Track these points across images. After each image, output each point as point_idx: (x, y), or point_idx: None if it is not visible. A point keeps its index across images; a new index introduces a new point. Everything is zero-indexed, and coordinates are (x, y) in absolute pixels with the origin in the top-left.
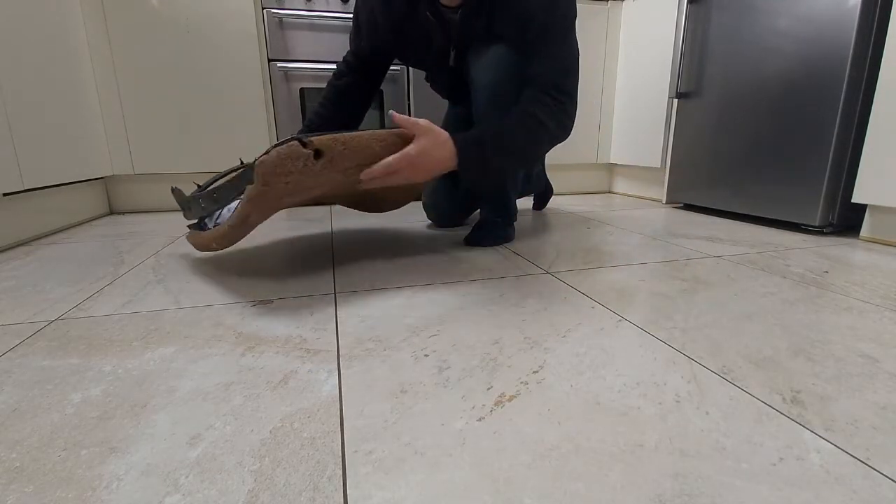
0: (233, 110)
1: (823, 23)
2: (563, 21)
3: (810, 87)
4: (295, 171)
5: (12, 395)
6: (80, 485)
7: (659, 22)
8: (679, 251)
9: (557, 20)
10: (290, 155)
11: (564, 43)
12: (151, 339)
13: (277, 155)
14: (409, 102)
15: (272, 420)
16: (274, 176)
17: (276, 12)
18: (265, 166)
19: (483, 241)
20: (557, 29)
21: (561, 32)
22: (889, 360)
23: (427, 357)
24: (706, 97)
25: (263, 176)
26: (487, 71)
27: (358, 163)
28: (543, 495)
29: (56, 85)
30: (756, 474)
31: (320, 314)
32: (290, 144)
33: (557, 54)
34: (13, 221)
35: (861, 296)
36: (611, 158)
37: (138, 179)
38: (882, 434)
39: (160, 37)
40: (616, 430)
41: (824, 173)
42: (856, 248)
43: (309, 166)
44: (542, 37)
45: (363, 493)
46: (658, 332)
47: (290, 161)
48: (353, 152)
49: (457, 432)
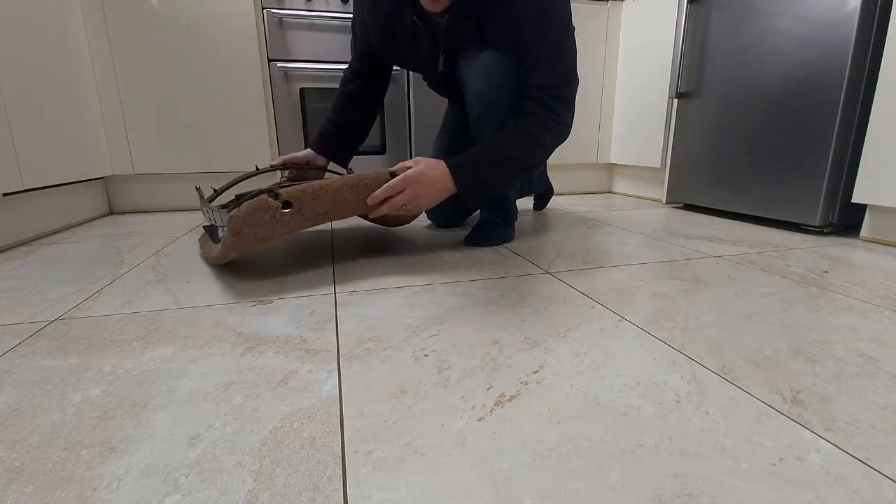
0: (233, 110)
1: (823, 23)
2: (558, 24)
3: (810, 88)
4: (263, 222)
5: (12, 395)
6: (80, 485)
7: (659, 22)
8: (679, 251)
9: (551, 24)
10: (259, 208)
11: (560, 48)
12: (151, 339)
13: (247, 209)
14: (409, 103)
15: (272, 420)
16: (244, 227)
17: (276, 12)
18: (234, 220)
19: (483, 241)
20: (552, 34)
21: (556, 37)
22: (889, 360)
23: (427, 357)
24: (706, 97)
25: (233, 228)
26: (480, 77)
27: (327, 210)
28: (543, 495)
29: (56, 85)
30: (756, 474)
31: (320, 314)
32: (259, 198)
33: (554, 61)
34: (13, 221)
35: (861, 296)
36: (611, 158)
37: (138, 179)
38: (882, 434)
39: (160, 37)
40: (616, 430)
41: (824, 173)
42: (856, 248)
43: (277, 217)
44: (536, 43)
45: (363, 493)
46: (658, 332)
47: (259, 214)
48: (323, 201)
49: (457, 432)
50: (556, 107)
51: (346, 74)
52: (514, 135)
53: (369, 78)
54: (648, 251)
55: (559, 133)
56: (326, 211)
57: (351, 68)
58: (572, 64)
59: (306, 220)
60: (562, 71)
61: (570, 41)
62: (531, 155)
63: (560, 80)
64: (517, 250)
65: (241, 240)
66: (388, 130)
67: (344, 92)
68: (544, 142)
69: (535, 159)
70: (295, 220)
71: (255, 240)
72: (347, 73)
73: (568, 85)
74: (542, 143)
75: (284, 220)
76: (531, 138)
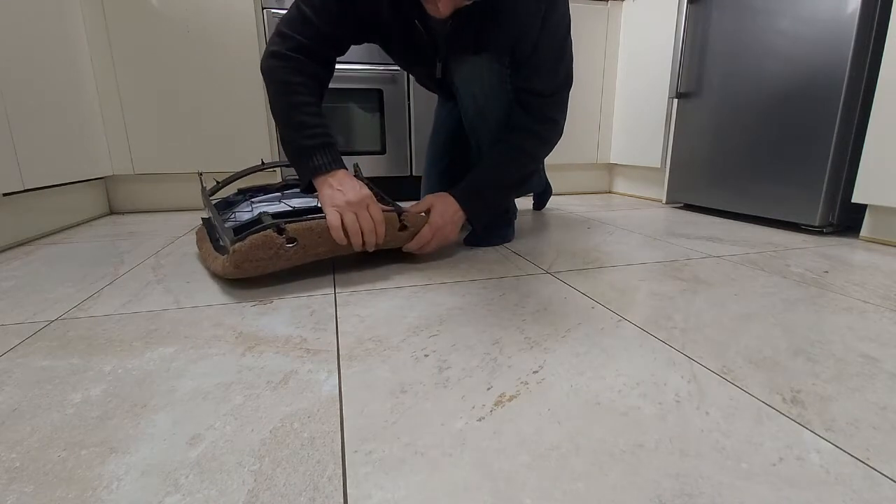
0: (233, 110)
1: (824, 23)
2: (560, 32)
3: (810, 88)
4: (266, 257)
5: (12, 395)
6: (80, 485)
7: (659, 22)
8: (679, 251)
9: (553, 32)
10: (264, 244)
11: (560, 54)
12: (151, 339)
13: (251, 245)
14: (409, 103)
15: (272, 420)
16: (245, 261)
17: (276, 12)
18: (237, 255)
19: (483, 241)
20: (553, 41)
21: (557, 45)
22: (889, 360)
23: (427, 357)
24: (706, 97)
25: (235, 261)
26: (473, 82)
27: (331, 248)
28: (543, 495)
29: (56, 85)
30: (756, 474)
31: (320, 314)
32: (264, 234)
33: (553, 68)
34: (13, 221)
35: (861, 296)
36: (611, 158)
37: (138, 179)
38: (882, 434)
39: (160, 37)
40: (616, 430)
41: (824, 173)
42: (856, 248)
43: (280, 253)
44: (538, 50)
45: (363, 493)
46: (658, 332)
47: (263, 250)
48: (327, 242)
49: (457, 432)
50: (550, 114)
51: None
52: (510, 153)
53: (326, 63)
54: (648, 251)
55: (553, 141)
56: (331, 249)
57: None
58: (570, 68)
59: (308, 256)
60: (561, 77)
61: (569, 46)
62: (528, 169)
63: (558, 86)
64: (517, 250)
65: (241, 271)
66: (387, 131)
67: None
68: (539, 155)
69: (533, 170)
70: (298, 254)
71: (255, 270)
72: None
73: (565, 90)
74: (537, 157)
75: (287, 255)
76: (527, 155)
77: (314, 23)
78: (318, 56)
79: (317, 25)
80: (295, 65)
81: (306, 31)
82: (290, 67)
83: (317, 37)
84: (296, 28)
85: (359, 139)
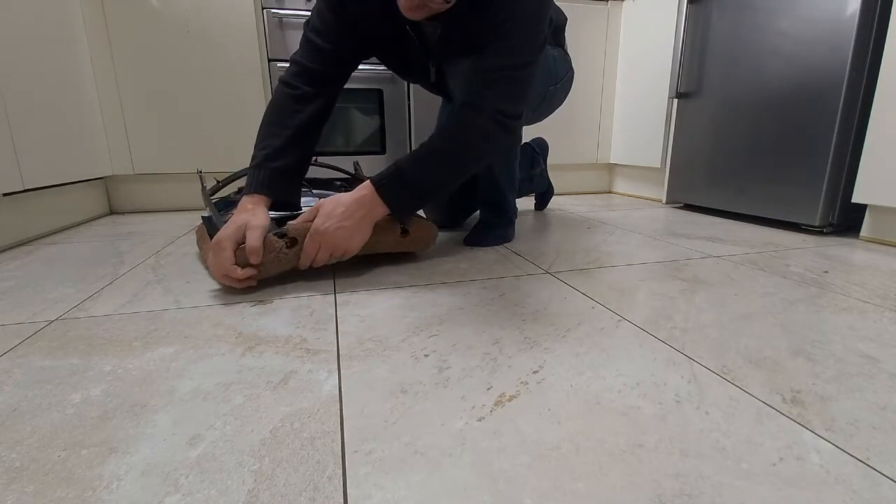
0: (233, 110)
1: (824, 23)
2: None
3: (810, 88)
4: (266, 261)
5: (12, 395)
6: (80, 485)
7: (659, 22)
8: (679, 251)
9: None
10: (265, 248)
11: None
12: (151, 339)
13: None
14: (409, 103)
15: (272, 420)
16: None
17: (276, 12)
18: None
19: (483, 241)
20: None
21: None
22: (889, 360)
23: (427, 357)
24: (706, 97)
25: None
26: (465, 85)
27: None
28: (543, 495)
29: (56, 85)
30: (756, 474)
31: (320, 314)
32: (265, 240)
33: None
34: (13, 221)
35: (861, 296)
36: (611, 158)
37: (138, 179)
38: (882, 434)
39: (160, 37)
40: (616, 430)
41: (824, 173)
42: (856, 248)
43: (280, 257)
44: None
45: (363, 493)
46: (658, 332)
47: (263, 253)
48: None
49: (457, 432)
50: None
51: (303, 85)
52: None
53: (334, 91)
54: (648, 251)
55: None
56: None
57: (310, 74)
58: (531, 81)
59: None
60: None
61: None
62: (462, 168)
63: (524, 61)
64: (517, 250)
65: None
66: (388, 131)
67: (303, 110)
68: (482, 156)
69: (468, 171)
70: (297, 256)
71: (257, 274)
72: (302, 81)
73: (522, 103)
74: (480, 159)
75: (287, 258)
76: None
77: (317, 44)
78: (321, 77)
79: (320, 46)
80: (292, 91)
81: (308, 55)
82: (287, 94)
83: (320, 58)
84: (301, 54)
85: (359, 139)
